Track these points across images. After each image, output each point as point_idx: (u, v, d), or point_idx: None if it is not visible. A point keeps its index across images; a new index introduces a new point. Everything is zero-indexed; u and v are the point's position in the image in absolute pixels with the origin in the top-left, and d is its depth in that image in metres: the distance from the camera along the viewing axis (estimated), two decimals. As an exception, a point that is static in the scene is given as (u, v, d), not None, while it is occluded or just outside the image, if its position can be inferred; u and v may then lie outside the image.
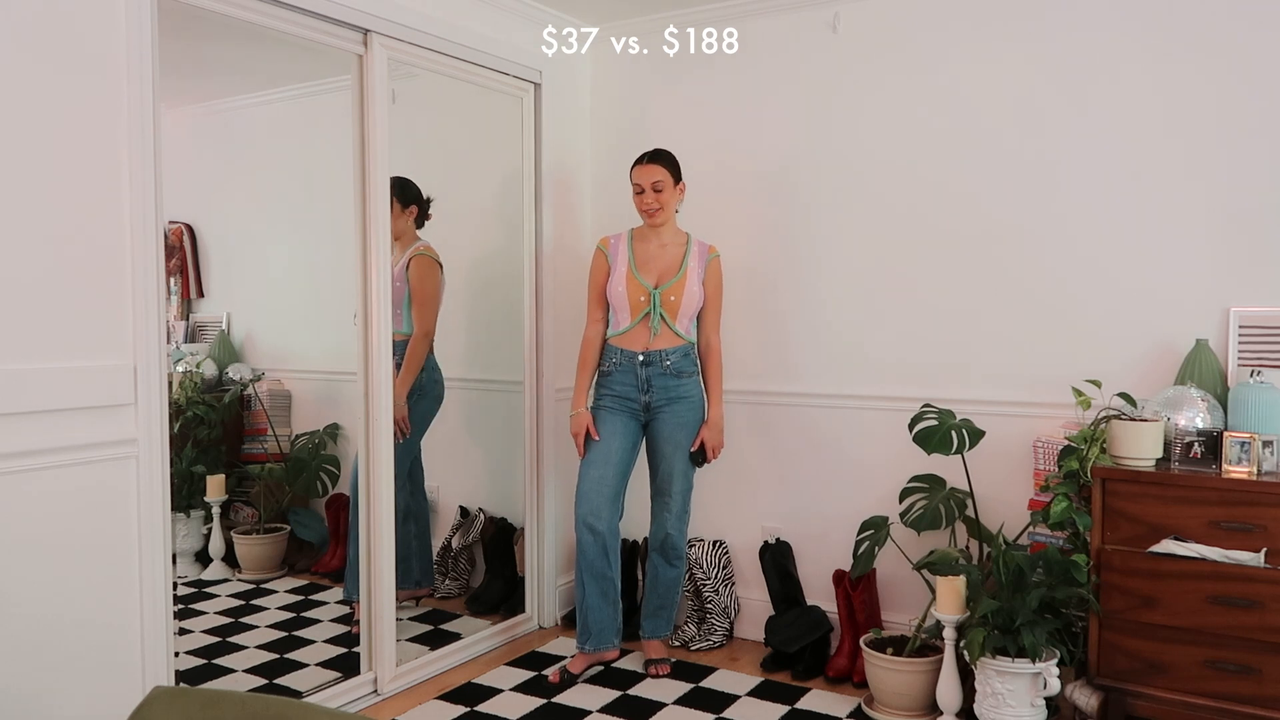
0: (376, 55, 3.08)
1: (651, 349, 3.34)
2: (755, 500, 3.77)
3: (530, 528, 3.86)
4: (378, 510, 3.15)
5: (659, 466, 3.41)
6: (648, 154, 3.37)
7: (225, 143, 3.69)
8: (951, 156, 3.34)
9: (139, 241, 2.40)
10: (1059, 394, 3.13)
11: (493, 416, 4.03)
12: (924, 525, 3.09)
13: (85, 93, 2.30)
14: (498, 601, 3.87)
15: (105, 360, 2.36)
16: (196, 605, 3.55)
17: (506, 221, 3.87)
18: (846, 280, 3.56)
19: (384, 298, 3.12)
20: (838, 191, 3.56)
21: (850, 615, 3.36)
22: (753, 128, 3.71)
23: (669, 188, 3.34)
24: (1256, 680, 2.54)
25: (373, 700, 3.15)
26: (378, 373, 3.12)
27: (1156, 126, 3.02)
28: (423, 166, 3.64)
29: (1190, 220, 2.99)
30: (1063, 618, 2.81)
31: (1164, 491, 2.66)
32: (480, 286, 4.00)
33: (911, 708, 3.01)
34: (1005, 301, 3.28)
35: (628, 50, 3.97)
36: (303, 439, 3.81)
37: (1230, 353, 2.91)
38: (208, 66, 3.34)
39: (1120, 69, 3.07)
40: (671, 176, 3.35)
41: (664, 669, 3.38)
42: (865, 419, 3.54)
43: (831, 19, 3.53)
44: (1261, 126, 2.88)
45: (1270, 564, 2.53)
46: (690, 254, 3.38)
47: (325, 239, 3.62)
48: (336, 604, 3.66)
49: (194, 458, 3.55)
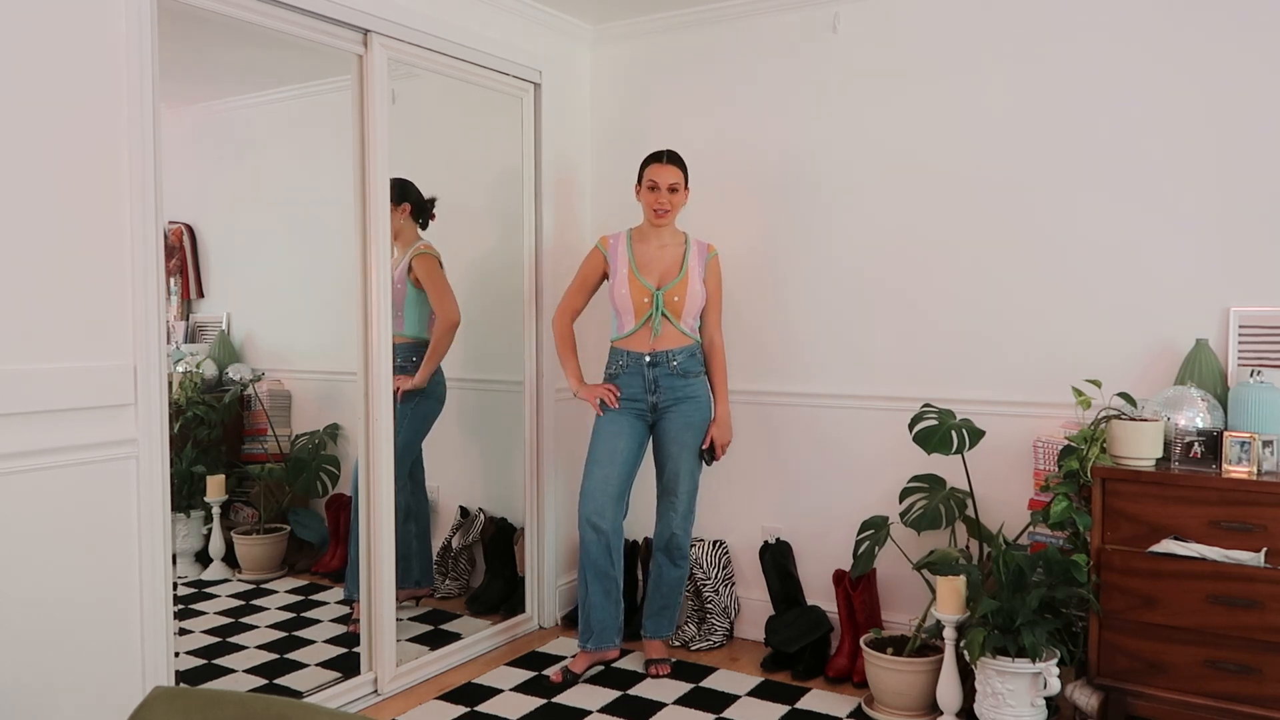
0: (376, 55, 3.08)
1: (657, 349, 3.34)
2: (755, 500, 3.77)
3: (530, 528, 3.86)
4: (378, 510, 3.15)
5: (665, 466, 3.42)
6: (666, 153, 3.36)
7: (225, 143, 3.69)
8: (952, 156, 3.34)
9: (139, 241, 2.40)
10: (1059, 394, 3.13)
11: (493, 416, 4.03)
12: (924, 525, 3.09)
13: (85, 93, 2.30)
14: (498, 601, 3.87)
15: (105, 360, 2.36)
16: (197, 605, 3.55)
17: (506, 221, 3.87)
18: (846, 280, 3.56)
19: (384, 298, 3.12)
20: (838, 191, 3.56)
21: (850, 615, 3.36)
22: (753, 128, 3.71)
23: (681, 190, 3.35)
24: (1256, 680, 2.54)
25: (373, 700, 3.15)
26: (378, 373, 3.12)
27: (1156, 126, 3.02)
28: (423, 166, 3.64)
29: (1190, 220, 2.99)
30: (1063, 618, 2.81)
31: (1164, 491, 2.66)
32: (480, 286, 4.00)
33: (911, 708, 3.01)
34: (1005, 301, 3.28)
35: (627, 50, 3.97)
36: (303, 439, 3.81)
37: (1230, 352, 2.91)
38: (208, 67, 3.34)
39: (1120, 69, 3.07)
40: (685, 179, 3.36)
41: (664, 669, 3.38)
42: (865, 419, 3.54)
43: (832, 19, 3.53)
44: (1261, 126, 2.88)
45: (1270, 564, 2.53)
46: (690, 253, 3.38)
47: (325, 239, 3.62)
48: (336, 604, 3.67)
49: (194, 458, 3.55)
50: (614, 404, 3.33)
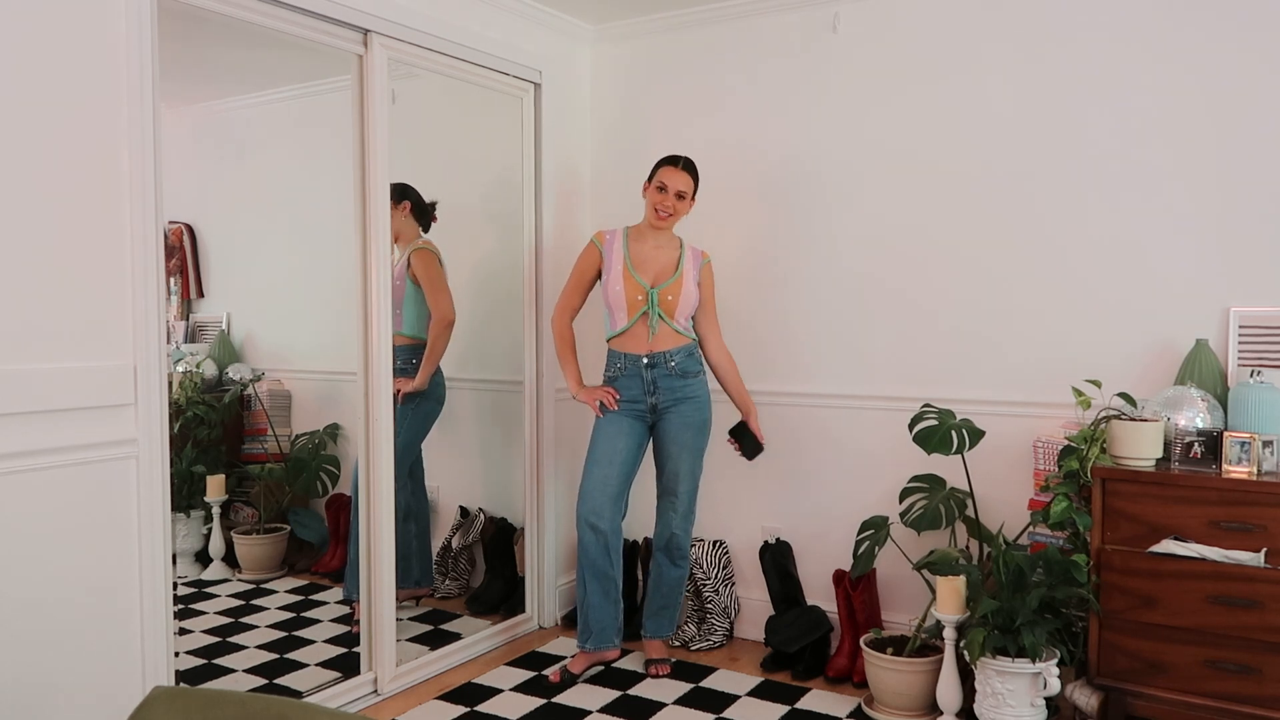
0: (376, 55, 3.08)
1: (655, 350, 3.34)
2: (755, 500, 3.77)
3: (530, 528, 3.86)
4: (378, 510, 3.15)
5: (665, 466, 3.41)
6: (682, 159, 3.35)
7: (225, 143, 3.69)
8: (952, 156, 3.34)
9: (139, 241, 2.40)
10: (1059, 394, 3.13)
11: (493, 416, 4.03)
12: (924, 525, 3.09)
13: (85, 93, 2.30)
14: (498, 601, 3.87)
15: (105, 360, 2.36)
16: (196, 605, 3.55)
17: (506, 221, 3.87)
18: (847, 279, 3.56)
19: (384, 298, 3.12)
20: (838, 191, 3.56)
21: (850, 615, 3.36)
22: (753, 128, 3.71)
23: (689, 199, 3.35)
24: (1256, 680, 2.54)
25: (373, 700, 3.15)
26: (378, 373, 3.12)
27: (1157, 126, 3.02)
28: (423, 166, 3.64)
29: (1190, 220, 2.99)
30: (1063, 618, 2.81)
31: (1164, 491, 2.66)
32: (480, 286, 4.00)
33: (911, 708, 3.01)
34: (1005, 302, 3.28)
35: (628, 50, 3.97)
36: (303, 439, 3.81)
37: (1230, 353, 2.91)
38: (208, 67, 3.34)
39: (1120, 69, 3.07)
40: (694, 189, 3.36)
41: (664, 669, 3.38)
42: (865, 419, 3.54)
43: (832, 19, 3.53)
44: (1261, 126, 2.88)
45: (1270, 564, 2.53)
46: (685, 257, 3.39)
47: (325, 239, 3.62)
48: (336, 604, 3.67)
49: (194, 458, 3.55)
50: (613, 406, 3.33)
